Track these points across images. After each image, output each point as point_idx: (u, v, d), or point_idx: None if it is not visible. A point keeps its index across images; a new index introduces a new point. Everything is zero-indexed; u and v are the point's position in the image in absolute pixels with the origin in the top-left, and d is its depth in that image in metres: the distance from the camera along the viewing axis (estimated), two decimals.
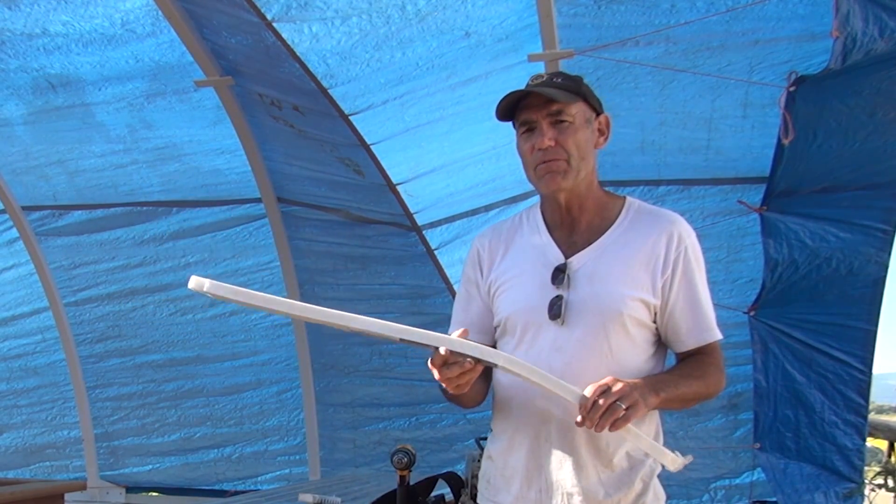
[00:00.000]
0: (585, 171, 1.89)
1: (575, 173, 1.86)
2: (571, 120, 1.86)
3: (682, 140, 4.24)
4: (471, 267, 2.01)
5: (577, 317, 1.83)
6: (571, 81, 1.90)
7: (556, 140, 1.84)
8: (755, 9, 3.54)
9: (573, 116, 1.86)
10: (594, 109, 1.92)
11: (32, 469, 6.21)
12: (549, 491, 1.84)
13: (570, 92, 1.86)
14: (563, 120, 1.85)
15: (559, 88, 1.86)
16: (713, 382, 1.88)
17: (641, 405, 1.70)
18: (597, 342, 1.82)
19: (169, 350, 5.77)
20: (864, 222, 4.02)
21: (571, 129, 1.86)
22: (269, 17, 3.86)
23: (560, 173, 1.85)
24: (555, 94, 1.84)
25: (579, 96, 1.88)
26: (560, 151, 1.85)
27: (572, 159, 1.85)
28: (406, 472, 2.81)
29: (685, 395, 1.83)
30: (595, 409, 1.67)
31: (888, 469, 6.56)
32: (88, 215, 5.47)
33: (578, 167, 1.86)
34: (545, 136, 1.85)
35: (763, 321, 4.33)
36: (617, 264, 1.84)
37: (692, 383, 1.84)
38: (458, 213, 4.92)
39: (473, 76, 4.11)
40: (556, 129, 1.85)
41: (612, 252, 1.86)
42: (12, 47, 4.37)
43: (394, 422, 5.57)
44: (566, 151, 1.85)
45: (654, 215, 1.91)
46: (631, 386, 1.70)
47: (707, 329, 1.88)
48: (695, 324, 1.87)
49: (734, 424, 4.80)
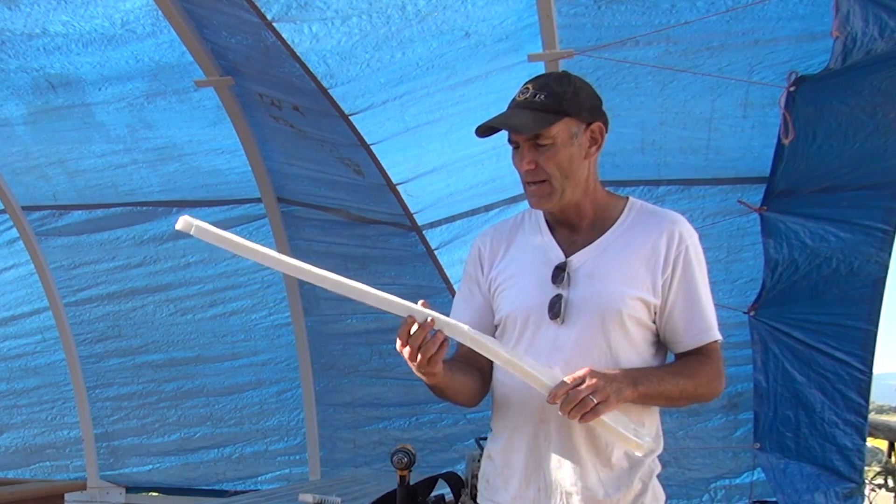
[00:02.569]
0: (572, 188, 1.86)
1: (559, 193, 1.85)
2: (551, 141, 1.82)
3: (682, 140, 4.24)
4: (472, 265, 2.02)
5: (576, 315, 1.83)
6: (554, 99, 1.83)
7: (537, 162, 1.83)
8: (755, 9, 3.54)
9: (553, 137, 1.82)
10: (584, 119, 1.86)
11: (32, 469, 6.21)
12: (548, 490, 1.84)
13: (549, 112, 1.82)
14: (542, 144, 1.83)
15: (538, 110, 1.82)
16: (704, 383, 1.86)
17: (613, 400, 1.70)
18: (596, 341, 1.82)
19: (169, 350, 5.77)
20: (864, 222, 4.02)
21: (552, 151, 1.83)
22: (269, 17, 3.86)
23: (544, 196, 1.86)
24: (524, 126, 1.81)
25: (560, 115, 1.82)
26: (541, 173, 1.84)
27: (554, 180, 1.84)
28: (406, 472, 2.82)
29: (669, 392, 1.81)
30: (566, 402, 1.68)
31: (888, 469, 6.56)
32: (88, 215, 5.47)
33: (562, 186, 1.85)
34: (524, 159, 1.85)
35: (763, 321, 4.33)
36: (617, 263, 1.84)
37: (679, 381, 1.82)
38: (458, 213, 4.92)
39: (473, 76, 4.11)
40: (537, 152, 1.83)
41: (613, 251, 1.86)
42: (12, 47, 4.37)
43: (394, 422, 5.57)
44: (547, 173, 1.84)
45: (656, 215, 1.91)
46: (606, 380, 1.70)
47: (705, 329, 1.86)
48: (692, 323, 1.86)
49: (734, 424, 4.80)
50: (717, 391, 1.88)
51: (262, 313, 5.59)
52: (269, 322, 5.60)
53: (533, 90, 1.85)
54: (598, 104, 1.91)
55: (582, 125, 1.86)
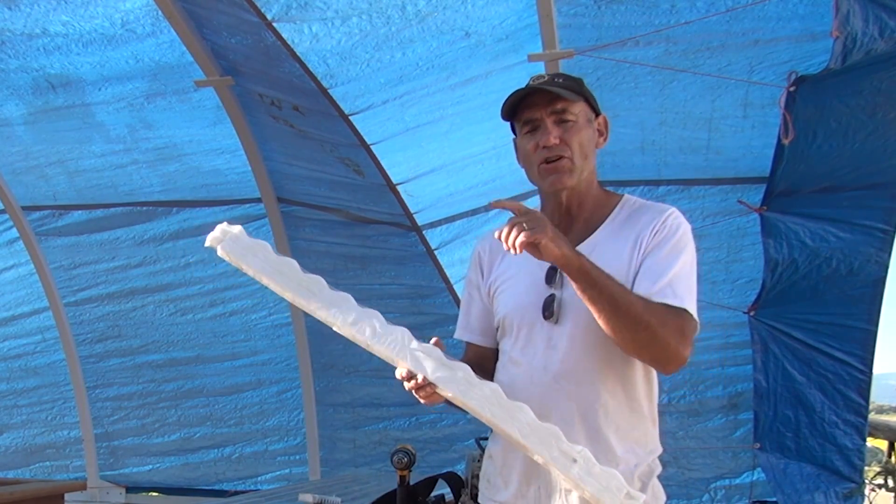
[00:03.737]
0: (587, 170, 1.91)
1: (579, 172, 1.88)
2: (575, 119, 1.87)
3: (682, 140, 4.24)
4: (473, 270, 2.04)
5: (570, 314, 1.83)
6: (573, 82, 1.92)
7: (561, 138, 1.86)
8: (755, 9, 3.54)
9: (576, 115, 1.88)
10: (594, 110, 1.94)
11: (32, 469, 6.21)
12: (548, 489, 1.84)
13: (573, 91, 1.89)
14: (567, 119, 1.87)
15: (562, 88, 1.88)
16: (658, 319, 1.72)
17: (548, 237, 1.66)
18: (589, 338, 1.81)
19: (169, 350, 5.77)
20: (864, 222, 4.02)
21: (575, 128, 1.87)
22: (269, 17, 3.86)
23: (566, 172, 1.87)
24: (561, 91, 1.86)
25: (581, 96, 1.90)
26: (565, 149, 1.86)
27: (576, 157, 1.87)
28: (406, 472, 2.82)
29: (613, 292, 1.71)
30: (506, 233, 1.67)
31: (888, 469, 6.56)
32: (88, 215, 5.47)
33: (582, 166, 1.88)
34: (551, 133, 1.86)
35: (763, 321, 4.33)
36: (607, 259, 1.83)
37: (630, 296, 1.73)
38: (458, 213, 4.92)
39: (473, 76, 4.11)
40: (561, 128, 1.87)
41: (604, 247, 1.87)
42: (12, 47, 4.37)
43: (394, 422, 5.57)
44: (570, 149, 1.87)
45: (647, 209, 1.91)
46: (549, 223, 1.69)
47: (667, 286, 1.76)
48: (653, 281, 1.78)
49: (734, 424, 4.80)
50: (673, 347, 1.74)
51: (262, 313, 5.59)
52: (269, 322, 5.60)
53: (549, 76, 1.91)
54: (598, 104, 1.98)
55: (593, 114, 1.93)
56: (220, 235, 1.72)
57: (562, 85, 1.88)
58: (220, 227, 1.73)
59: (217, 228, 1.73)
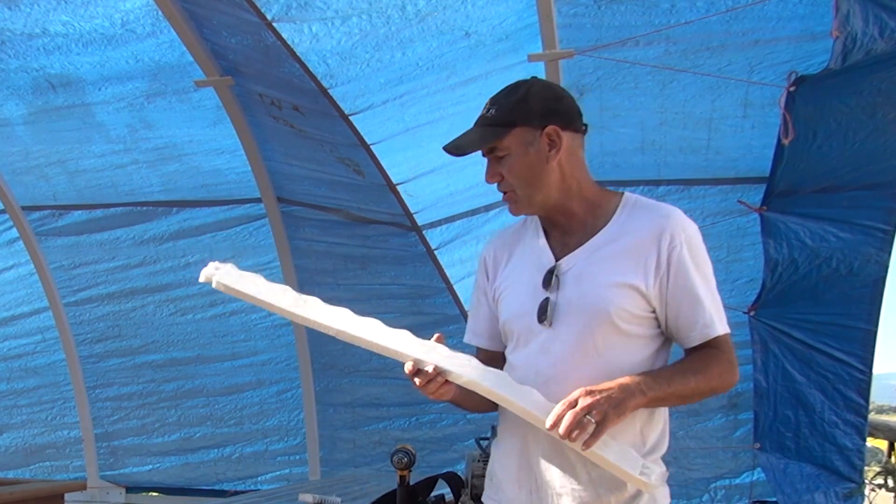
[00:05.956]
0: (542, 194, 1.88)
1: (526, 200, 1.90)
2: (507, 152, 1.87)
3: (682, 140, 4.24)
4: (480, 274, 2.05)
5: (563, 318, 1.82)
6: (501, 112, 1.87)
7: (501, 174, 1.90)
8: (755, 9, 3.54)
9: (507, 148, 1.87)
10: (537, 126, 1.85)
11: (32, 469, 6.21)
12: (539, 492, 1.84)
13: (498, 126, 1.86)
14: (501, 156, 1.88)
15: (488, 125, 1.88)
16: (716, 375, 1.83)
17: (613, 416, 1.67)
18: (582, 342, 1.80)
19: (169, 350, 5.77)
20: (864, 222, 4.01)
21: (508, 162, 1.88)
22: (269, 17, 3.86)
23: (514, 203, 1.92)
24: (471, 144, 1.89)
25: (509, 126, 1.85)
26: (505, 184, 1.91)
27: (519, 188, 1.89)
28: (406, 472, 2.82)
29: (681, 391, 1.79)
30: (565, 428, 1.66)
31: (888, 469, 6.56)
32: (88, 215, 5.47)
33: (528, 194, 1.89)
34: (487, 173, 1.92)
35: (763, 321, 4.33)
36: (607, 262, 1.83)
37: (690, 379, 1.80)
38: (458, 213, 4.92)
39: (473, 76, 4.11)
40: (500, 164, 1.90)
41: (604, 250, 1.85)
42: (12, 47, 4.37)
43: (394, 422, 5.57)
44: (509, 183, 1.90)
45: (650, 209, 1.88)
46: (601, 396, 1.68)
47: (709, 325, 1.83)
48: (695, 320, 1.82)
49: (734, 424, 4.80)
50: (731, 382, 1.87)
51: (262, 313, 5.57)
52: (269, 322, 5.60)
53: (487, 106, 1.91)
54: (556, 107, 1.88)
55: (536, 131, 1.86)
56: (212, 271, 1.83)
57: (489, 121, 1.87)
58: (212, 264, 1.84)
59: (209, 265, 1.84)
